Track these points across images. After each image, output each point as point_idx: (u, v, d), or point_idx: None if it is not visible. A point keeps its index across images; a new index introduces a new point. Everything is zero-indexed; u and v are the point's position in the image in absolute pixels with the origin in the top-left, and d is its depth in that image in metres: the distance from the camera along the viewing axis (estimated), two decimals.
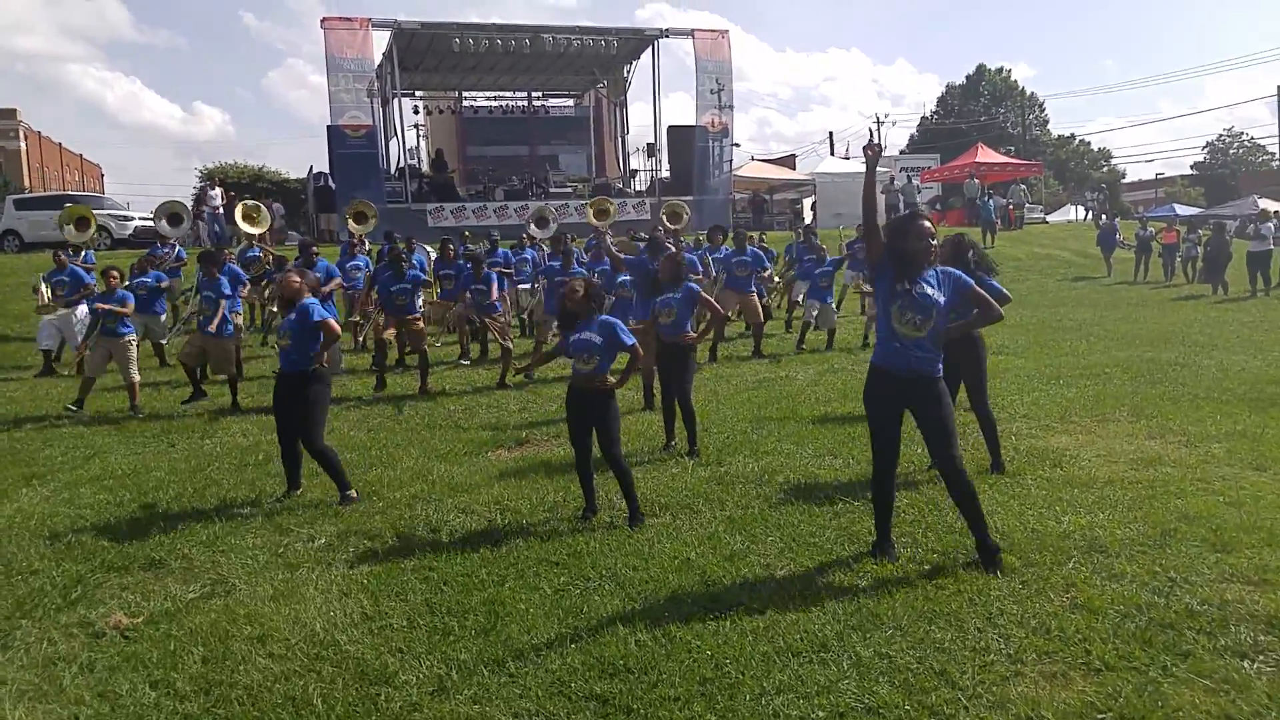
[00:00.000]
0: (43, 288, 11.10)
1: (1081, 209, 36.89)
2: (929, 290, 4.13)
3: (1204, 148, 65.79)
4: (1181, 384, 8.39)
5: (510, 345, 10.31)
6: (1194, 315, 14.11)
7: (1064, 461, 5.91)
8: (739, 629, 3.70)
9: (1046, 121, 61.28)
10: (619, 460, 5.13)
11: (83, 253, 12.72)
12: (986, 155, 31.73)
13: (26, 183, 43.93)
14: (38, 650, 3.80)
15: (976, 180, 27.22)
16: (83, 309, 10.97)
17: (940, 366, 4.22)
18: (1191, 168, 64.71)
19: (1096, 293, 18.42)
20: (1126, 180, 62.56)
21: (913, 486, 5.45)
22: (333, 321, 5.97)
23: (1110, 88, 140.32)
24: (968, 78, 60.46)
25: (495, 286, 10.28)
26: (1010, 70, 61.02)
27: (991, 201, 24.32)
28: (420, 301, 10.40)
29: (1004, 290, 5.88)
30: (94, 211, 14.93)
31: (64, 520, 5.60)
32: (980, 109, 58.13)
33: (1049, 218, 35.93)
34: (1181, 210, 37.95)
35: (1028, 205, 30.05)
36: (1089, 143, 63.64)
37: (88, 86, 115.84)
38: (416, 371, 10.01)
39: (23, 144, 47.68)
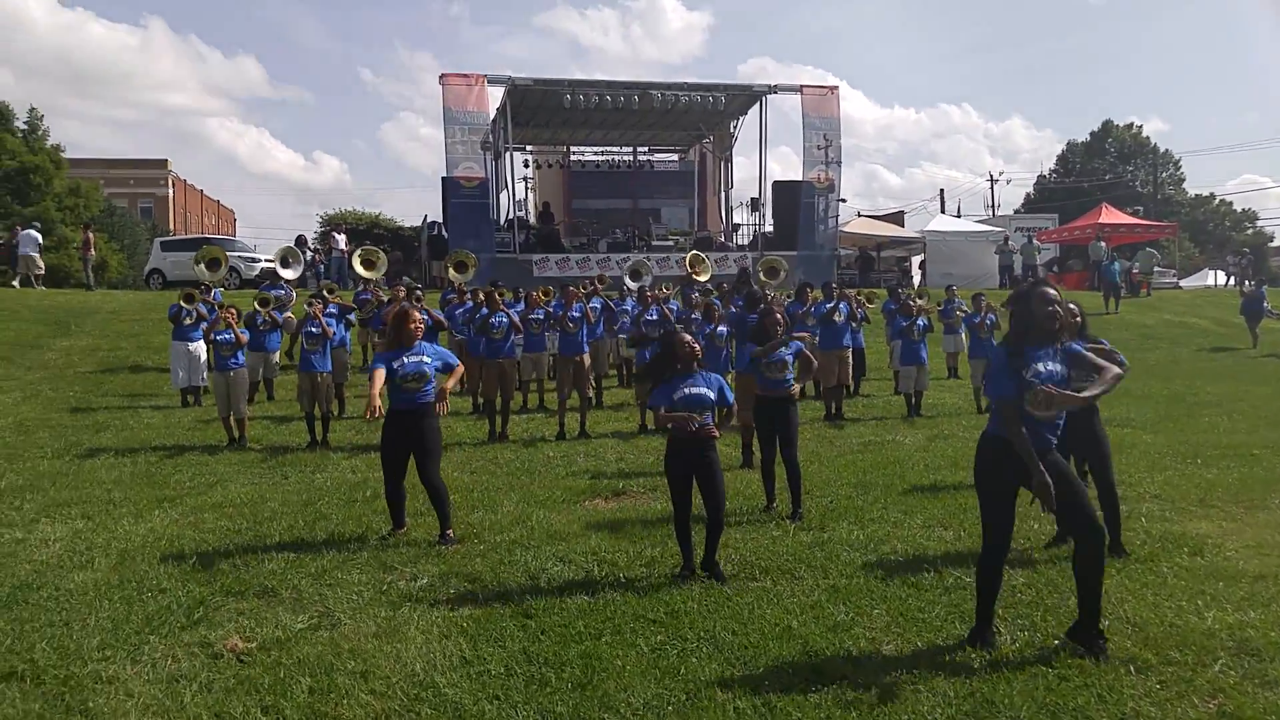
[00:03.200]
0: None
1: (1221, 274, 34.68)
2: (1052, 367, 3.95)
3: None
4: None
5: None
6: None
7: (1205, 550, 5.47)
8: (842, 704, 3.56)
9: (1182, 180, 58.41)
10: (721, 512, 5.11)
11: (212, 291, 13.52)
12: (1112, 216, 30.41)
13: (172, 226, 47.57)
14: (163, 666, 3.98)
15: (1103, 243, 26.12)
16: (199, 345, 11.69)
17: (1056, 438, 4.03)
18: None
19: (1240, 365, 16.88)
20: (1276, 244, 58.57)
21: (1029, 565, 5.18)
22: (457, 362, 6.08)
23: (1256, 144, 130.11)
24: (1092, 134, 58.08)
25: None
26: (1141, 126, 58.43)
27: (1116, 265, 23.25)
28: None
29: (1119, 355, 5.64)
30: (226, 254, 15.89)
31: (189, 543, 5.91)
32: (1106, 166, 55.95)
33: (1183, 283, 34.11)
34: None
35: (1158, 269, 28.59)
36: (1230, 203, 59.84)
37: (223, 138, 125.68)
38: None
39: (170, 191, 51.84)
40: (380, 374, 5.85)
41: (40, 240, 21.85)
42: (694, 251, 17.30)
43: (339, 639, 4.29)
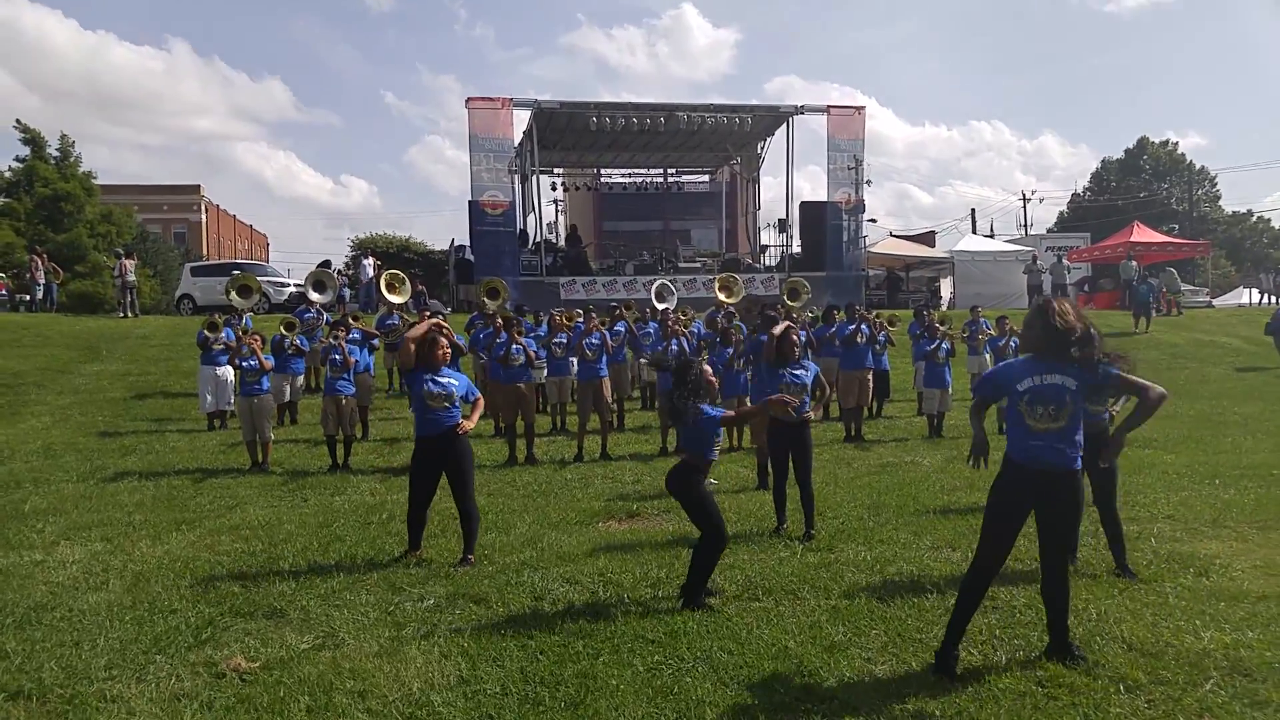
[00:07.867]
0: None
1: (1255, 292, 33.91)
2: (1058, 379, 3.95)
3: None
4: None
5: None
6: None
7: (1212, 570, 5.41)
8: None
9: (1218, 197, 57.51)
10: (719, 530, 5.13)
11: (243, 317, 13.80)
12: (1144, 234, 30.00)
13: (205, 251, 48.35)
14: (166, 686, 4.07)
15: (1134, 262, 25.74)
16: (227, 370, 11.95)
17: (1080, 459, 4.00)
18: None
19: (1270, 385, 16.46)
20: None
21: (1031, 581, 5.11)
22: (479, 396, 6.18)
23: None
24: (1127, 151, 57.58)
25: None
26: (1177, 143, 57.68)
27: (1146, 285, 22.92)
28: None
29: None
30: (257, 279, 16.27)
31: (204, 565, 6.03)
32: (1141, 184, 55.15)
33: (1216, 301, 33.47)
34: None
35: (1188, 289, 28.08)
36: (1268, 219, 58.57)
37: (251, 162, 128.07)
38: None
39: (204, 216, 52.91)
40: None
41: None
42: (726, 273, 17.38)
43: (340, 659, 4.35)
